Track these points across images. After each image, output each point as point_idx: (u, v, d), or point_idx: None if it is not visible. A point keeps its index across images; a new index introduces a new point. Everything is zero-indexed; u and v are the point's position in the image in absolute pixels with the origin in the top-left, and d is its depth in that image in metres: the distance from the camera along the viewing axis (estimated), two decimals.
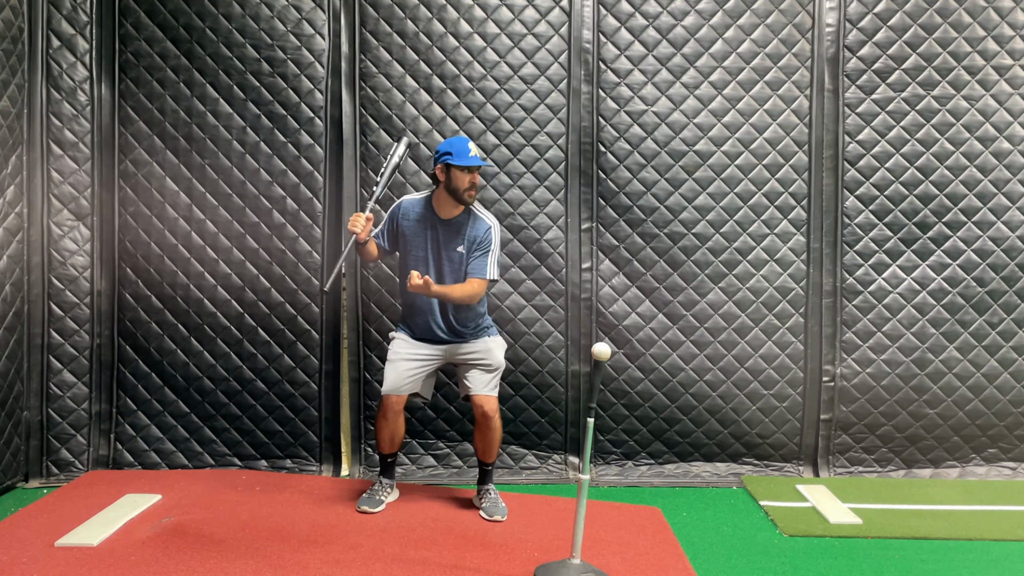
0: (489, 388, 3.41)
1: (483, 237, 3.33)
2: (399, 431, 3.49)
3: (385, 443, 3.50)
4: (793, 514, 3.53)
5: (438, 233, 3.35)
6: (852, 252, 4.07)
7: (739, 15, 4.01)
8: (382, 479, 3.57)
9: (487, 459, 3.51)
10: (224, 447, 4.09)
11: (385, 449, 3.52)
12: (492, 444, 3.46)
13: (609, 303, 4.08)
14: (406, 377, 3.38)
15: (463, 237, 3.34)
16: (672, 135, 4.01)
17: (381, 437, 3.49)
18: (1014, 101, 4.01)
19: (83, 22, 3.93)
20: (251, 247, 4.02)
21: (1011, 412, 4.10)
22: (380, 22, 3.96)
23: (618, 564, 2.93)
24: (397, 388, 3.38)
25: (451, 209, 3.34)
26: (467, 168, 3.24)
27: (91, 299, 3.99)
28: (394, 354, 3.43)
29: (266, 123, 3.98)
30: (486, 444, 3.46)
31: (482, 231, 3.34)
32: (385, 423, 3.44)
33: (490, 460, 3.52)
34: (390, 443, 3.50)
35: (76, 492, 3.66)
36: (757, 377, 4.09)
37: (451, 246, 3.34)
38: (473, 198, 3.32)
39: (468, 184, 3.26)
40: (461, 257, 3.34)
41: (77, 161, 3.96)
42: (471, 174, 3.26)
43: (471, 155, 3.23)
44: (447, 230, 3.35)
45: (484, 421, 3.40)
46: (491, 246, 3.34)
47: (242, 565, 2.84)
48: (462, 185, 3.25)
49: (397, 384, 3.38)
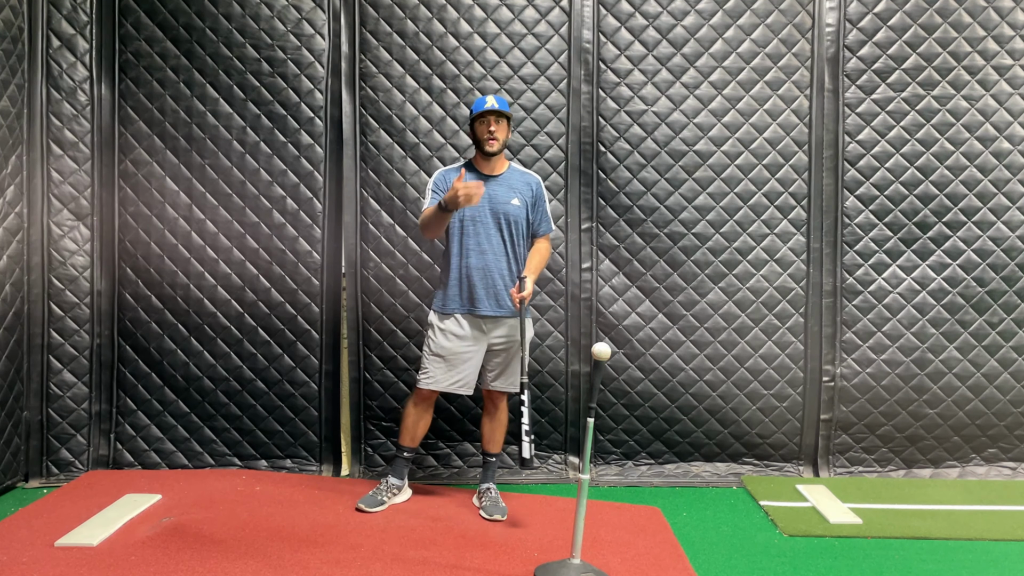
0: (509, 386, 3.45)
1: (538, 191, 3.44)
2: (423, 425, 3.50)
3: (409, 436, 3.49)
4: (793, 514, 3.53)
5: (489, 188, 3.33)
6: (852, 252, 4.07)
7: (739, 15, 4.01)
8: (390, 479, 3.53)
9: (492, 448, 3.53)
10: (224, 447, 4.09)
11: (407, 442, 3.50)
12: (500, 430, 3.51)
13: (609, 303, 4.08)
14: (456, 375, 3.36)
15: (515, 190, 3.37)
16: (672, 135, 4.01)
17: (406, 428, 3.48)
18: (1014, 101, 4.01)
19: (83, 22, 3.93)
20: (251, 247, 4.02)
21: (1011, 412, 4.10)
22: (380, 22, 3.96)
23: (618, 564, 2.93)
24: (446, 386, 3.37)
25: (493, 165, 3.38)
26: (482, 117, 3.29)
27: (91, 299, 4.00)
28: (441, 348, 3.35)
29: (266, 123, 3.98)
30: (493, 429, 3.50)
31: (535, 184, 3.44)
32: (412, 413, 3.45)
33: (495, 450, 3.54)
34: (413, 436, 3.50)
35: (76, 492, 3.66)
36: (757, 377, 4.09)
37: (506, 197, 3.35)
38: (493, 146, 3.31)
39: (485, 133, 3.31)
40: (518, 209, 3.35)
41: (77, 161, 3.96)
42: (486, 122, 3.30)
43: (486, 105, 3.27)
44: (497, 184, 3.36)
45: (493, 406, 3.49)
46: (545, 198, 3.48)
47: (242, 565, 2.84)
48: (480, 134, 3.32)
49: (446, 382, 3.36)
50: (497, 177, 3.38)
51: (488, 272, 3.33)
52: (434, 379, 3.37)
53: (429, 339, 3.42)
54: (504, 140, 3.34)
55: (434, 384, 3.37)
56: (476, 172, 3.38)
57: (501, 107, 3.29)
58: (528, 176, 3.46)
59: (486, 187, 3.30)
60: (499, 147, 3.33)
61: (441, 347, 3.36)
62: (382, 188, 4.00)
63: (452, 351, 3.36)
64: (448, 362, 3.36)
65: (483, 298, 3.34)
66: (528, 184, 3.42)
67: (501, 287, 3.34)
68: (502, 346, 3.41)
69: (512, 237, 3.36)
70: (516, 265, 3.38)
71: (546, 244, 3.49)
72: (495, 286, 3.34)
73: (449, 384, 3.37)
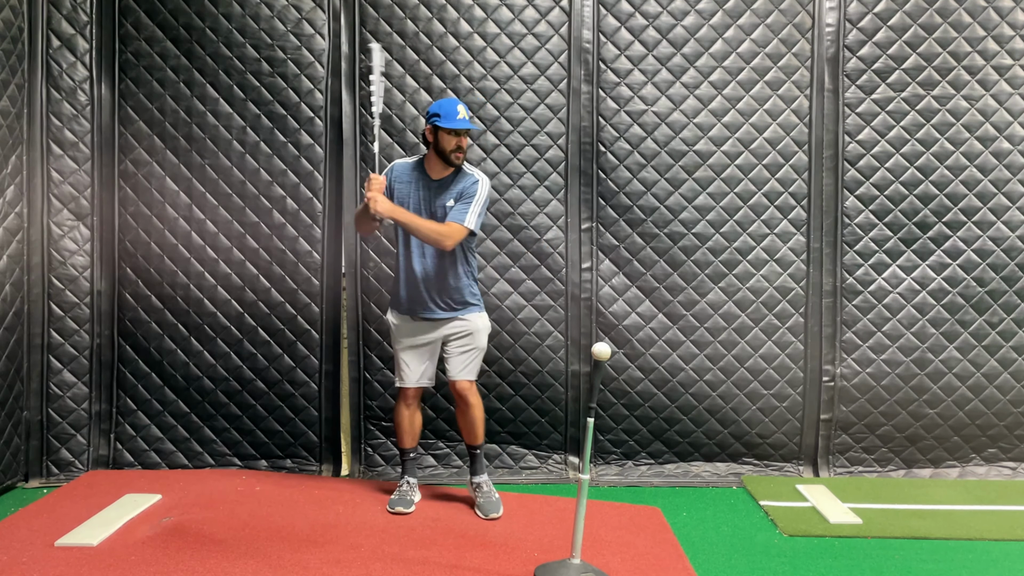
0: (466, 373, 3.42)
1: (469, 188, 3.30)
2: (417, 422, 3.55)
3: (405, 436, 3.53)
4: (793, 514, 3.53)
5: (429, 192, 3.33)
6: (852, 252, 4.07)
7: (739, 15, 4.01)
8: (409, 479, 3.57)
9: (472, 441, 3.52)
10: (224, 447, 4.09)
11: (406, 443, 3.55)
12: (474, 423, 3.47)
13: (609, 303, 4.08)
14: (420, 369, 3.43)
15: (451, 192, 3.32)
16: (672, 135, 4.01)
17: (400, 430, 3.53)
18: (1014, 101, 4.01)
19: (83, 22, 3.93)
20: (251, 247, 4.02)
21: (1011, 412, 4.10)
22: (380, 22, 3.96)
23: (618, 564, 2.93)
24: (416, 381, 3.44)
25: (441, 169, 3.33)
26: (454, 131, 3.22)
27: (91, 299, 3.99)
28: (399, 344, 3.45)
29: (266, 123, 3.98)
30: (467, 423, 3.48)
31: (469, 183, 3.32)
32: (403, 413, 3.49)
33: (476, 442, 3.52)
34: (410, 436, 3.54)
35: (76, 492, 3.66)
36: (757, 377, 4.09)
37: (440, 201, 3.32)
38: (460, 160, 3.29)
39: (454, 146, 3.24)
40: (449, 211, 3.31)
41: (77, 161, 3.96)
42: (458, 137, 3.24)
43: (459, 117, 3.21)
44: (438, 188, 3.33)
45: (461, 400, 3.45)
46: (475, 196, 3.28)
47: (242, 565, 2.84)
48: (448, 147, 3.24)
49: (414, 377, 3.43)
50: (441, 181, 3.34)
51: (428, 277, 3.33)
52: (405, 375, 3.45)
53: (392, 338, 3.50)
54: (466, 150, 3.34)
55: (407, 381, 3.45)
56: (424, 173, 3.34)
57: (473, 126, 3.29)
58: (469, 177, 3.34)
59: (428, 190, 3.32)
60: (462, 162, 3.31)
61: (400, 343, 3.45)
62: None
63: (410, 344, 3.43)
64: (411, 356, 3.43)
65: (427, 301, 3.36)
66: (465, 183, 3.33)
67: (436, 288, 3.34)
68: (458, 334, 3.41)
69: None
70: (461, 266, 3.35)
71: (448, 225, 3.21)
72: (436, 289, 3.34)
73: (418, 378, 3.44)
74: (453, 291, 3.36)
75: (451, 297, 3.37)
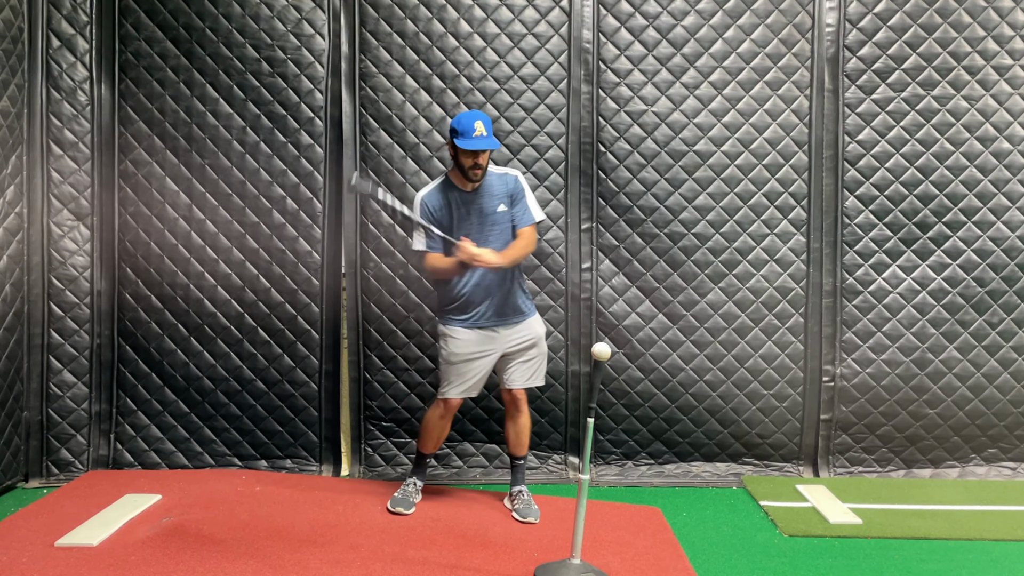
0: (534, 380, 3.45)
1: (516, 187, 3.35)
2: (447, 431, 3.54)
3: (432, 443, 3.53)
4: (793, 514, 3.53)
5: (470, 204, 3.30)
6: (852, 252, 4.07)
7: (739, 15, 4.01)
8: (416, 480, 3.57)
9: (519, 452, 3.54)
10: (224, 447, 4.09)
11: (429, 449, 3.56)
12: (524, 432, 3.50)
13: (609, 303, 4.08)
14: (474, 380, 3.37)
15: (497, 197, 3.31)
16: (672, 135, 4.01)
17: (429, 437, 3.51)
18: (1014, 101, 4.01)
19: (83, 22, 3.93)
20: (251, 247, 4.02)
21: (1011, 412, 4.10)
22: (380, 22, 3.96)
23: (618, 564, 2.93)
24: (466, 392, 3.38)
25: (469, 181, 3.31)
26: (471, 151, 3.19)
27: (91, 299, 4.00)
28: (454, 356, 3.34)
29: (266, 123, 3.98)
30: (518, 431, 3.50)
31: (512, 181, 3.36)
32: (439, 424, 3.45)
33: (522, 452, 3.54)
34: (435, 443, 3.54)
35: (76, 492, 3.66)
36: (757, 377, 4.09)
37: (488, 207, 3.30)
38: (478, 177, 3.24)
39: (471, 164, 3.21)
40: (505, 215, 3.31)
41: (77, 161, 3.96)
42: (475, 156, 3.20)
43: (475, 135, 3.15)
44: (476, 195, 3.31)
45: (515, 408, 3.47)
46: (525, 192, 3.38)
47: (242, 565, 2.84)
48: (466, 164, 3.22)
49: (466, 389, 3.37)
50: (478, 190, 3.31)
51: (488, 287, 3.31)
52: (457, 386, 3.36)
53: (440, 348, 3.42)
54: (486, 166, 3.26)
55: (457, 392, 3.37)
56: (456, 190, 3.31)
57: (490, 137, 3.18)
58: (506, 177, 3.36)
59: (471, 203, 3.29)
60: (482, 177, 3.27)
61: (452, 354, 3.35)
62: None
63: (461, 356, 3.34)
64: (468, 368, 3.35)
65: (485, 313, 3.33)
66: (507, 183, 3.35)
67: (502, 296, 3.33)
68: (517, 346, 3.39)
69: (505, 246, 3.30)
70: (513, 271, 3.35)
71: (527, 234, 3.34)
72: (496, 296, 3.32)
73: (467, 390, 3.38)
74: (516, 296, 3.37)
75: (517, 302, 3.37)
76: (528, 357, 3.41)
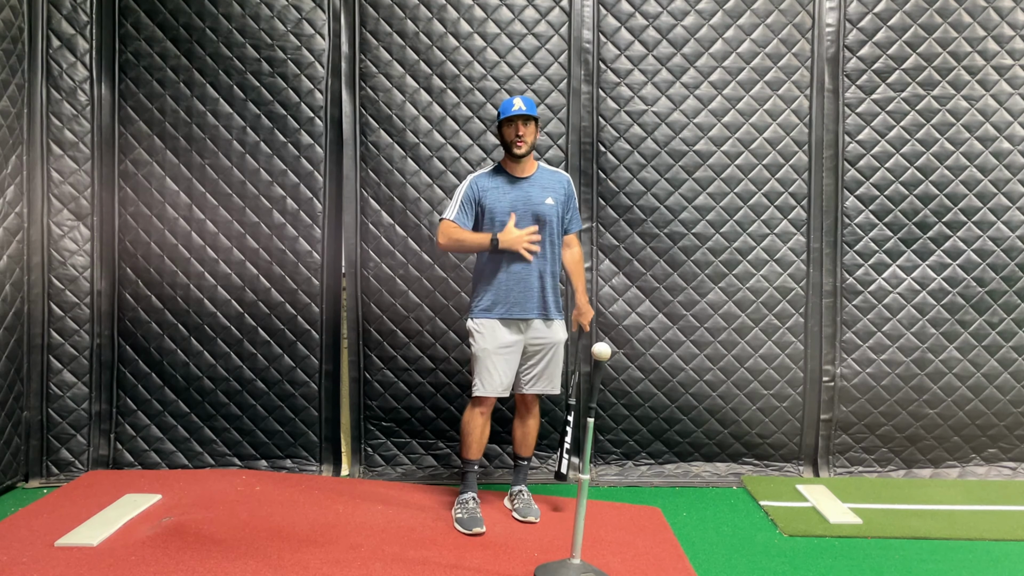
0: (552, 387, 3.43)
1: (569, 190, 3.44)
2: (488, 433, 3.43)
3: (475, 447, 3.38)
4: (793, 514, 3.53)
5: (520, 191, 3.33)
6: (852, 252, 4.07)
7: (739, 15, 4.01)
8: (474, 496, 3.40)
9: (525, 452, 3.53)
10: (224, 447, 4.09)
11: (474, 454, 3.39)
12: (532, 434, 3.50)
13: (609, 303, 4.08)
14: (508, 375, 3.32)
15: (548, 190, 3.35)
16: (672, 135, 4.01)
17: (471, 439, 3.36)
18: (1014, 101, 4.01)
19: (83, 22, 3.93)
20: (251, 247, 4.02)
21: (1011, 412, 4.10)
22: (380, 22, 3.96)
23: (618, 564, 2.93)
24: (497, 388, 3.30)
25: (524, 166, 3.35)
26: (510, 121, 3.26)
27: (91, 299, 4.00)
28: (484, 351, 3.29)
29: (266, 123, 3.98)
30: (526, 433, 3.50)
31: (566, 182, 3.44)
32: (478, 423, 3.35)
33: (528, 454, 3.54)
34: (479, 446, 3.40)
35: (76, 492, 3.66)
36: (757, 377, 4.09)
37: (536, 199, 3.33)
38: (522, 148, 3.27)
39: (513, 136, 3.27)
40: (552, 209, 3.33)
41: (77, 161, 3.96)
42: (513, 125, 3.26)
43: (514, 108, 3.24)
44: (528, 185, 3.34)
45: (526, 411, 3.48)
46: (575, 197, 3.50)
47: (242, 565, 2.84)
48: (508, 137, 3.29)
49: (504, 384, 3.31)
50: (529, 178, 3.35)
51: (528, 277, 3.30)
52: (492, 382, 3.30)
53: (471, 344, 3.35)
54: (532, 142, 3.30)
55: (493, 388, 3.29)
56: (506, 175, 3.34)
57: (529, 110, 3.24)
58: (559, 175, 3.44)
59: (520, 189, 3.32)
60: (527, 149, 3.28)
61: (482, 349, 3.30)
62: (382, 188, 4.00)
63: (491, 351, 3.29)
64: (501, 361, 3.30)
65: (521, 302, 3.30)
66: (560, 182, 3.40)
67: (539, 288, 3.33)
68: (539, 347, 3.38)
69: (548, 237, 3.33)
70: (552, 265, 3.36)
71: (578, 245, 3.54)
72: (534, 288, 3.31)
73: (500, 384, 3.30)
74: (550, 295, 3.35)
75: (549, 301, 3.35)
76: (546, 363, 3.40)
